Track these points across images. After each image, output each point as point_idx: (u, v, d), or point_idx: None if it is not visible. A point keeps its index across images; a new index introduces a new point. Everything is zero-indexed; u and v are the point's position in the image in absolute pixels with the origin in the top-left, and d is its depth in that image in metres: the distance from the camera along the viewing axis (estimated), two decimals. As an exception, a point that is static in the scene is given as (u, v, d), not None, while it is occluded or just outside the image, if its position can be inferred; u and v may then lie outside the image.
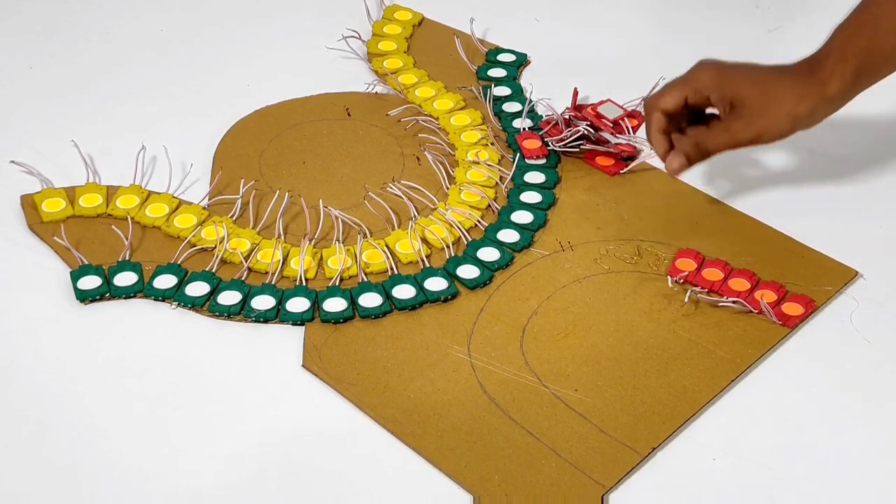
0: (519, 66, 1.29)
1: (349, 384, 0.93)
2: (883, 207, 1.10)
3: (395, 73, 1.27)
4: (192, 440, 0.89)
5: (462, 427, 0.89)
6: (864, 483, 0.86)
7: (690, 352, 0.95)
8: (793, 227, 1.06)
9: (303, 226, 1.07)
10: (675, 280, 1.01)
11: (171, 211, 1.08)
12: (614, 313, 0.99)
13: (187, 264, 1.03)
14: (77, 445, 0.88)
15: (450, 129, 1.19)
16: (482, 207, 1.09)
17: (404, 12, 1.37)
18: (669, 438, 0.89)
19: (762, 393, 0.92)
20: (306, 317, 0.98)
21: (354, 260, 1.03)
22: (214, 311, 0.99)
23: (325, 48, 1.31)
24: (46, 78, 1.28)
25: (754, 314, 0.98)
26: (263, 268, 1.03)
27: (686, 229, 1.07)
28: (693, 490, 0.85)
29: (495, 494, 0.85)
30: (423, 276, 1.02)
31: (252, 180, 1.13)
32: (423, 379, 0.93)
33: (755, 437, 0.89)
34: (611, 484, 0.85)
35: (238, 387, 0.93)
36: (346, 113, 1.22)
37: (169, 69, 1.30)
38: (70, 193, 1.10)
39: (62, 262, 1.04)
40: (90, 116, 1.22)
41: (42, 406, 0.91)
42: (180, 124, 1.21)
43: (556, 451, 0.88)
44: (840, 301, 1.00)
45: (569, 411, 0.90)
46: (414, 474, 0.87)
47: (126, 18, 1.38)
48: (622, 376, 0.93)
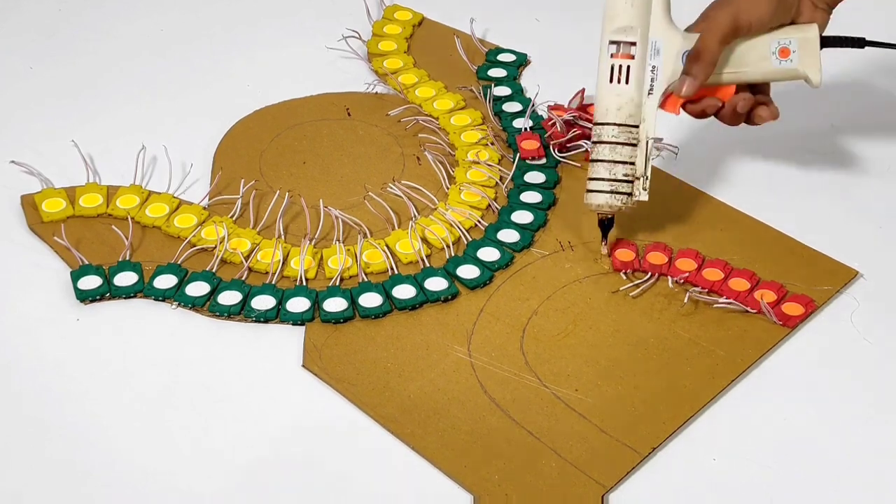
0: (519, 66, 1.29)
1: (349, 384, 0.93)
2: (883, 207, 1.10)
3: (395, 73, 1.27)
4: (192, 440, 0.89)
5: (462, 427, 0.89)
6: (864, 483, 0.86)
7: (690, 352, 0.95)
8: (793, 227, 1.06)
9: (303, 226, 1.07)
10: (675, 280, 1.01)
11: (172, 211, 1.08)
12: (614, 313, 0.99)
13: (187, 264, 1.03)
14: (77, 445, 0.88)
15: (450, 129, 1.19)
16: (482, 207, 1.09)
17: (404, 12, 1.37)
18: (669, 438, 0.89)
19: (762, 393, 0.92)
20: (306, 317, 0.98)
21: (354, 260, 1.03)
22: (214, 311, 0.99)
23: (325, 48, 1.31)
24: (46, 78, 1.28)
25: (754, 314, 0.98)
26: (263, 268, 1.03)
27: (686, 229, 1.07)
28: (693, 490, 0.85)
29: (495, 494, 0.85)
30: (424, 276, 1.02)
31: (252, 180, 1.13)
32: (423, 379, 0.93)
33: (755, 437, 0.89)
34: (611, 484, 0.85)
35: (238, 387, 0.93)
36: (346, 113, 1.22)
37: (169, 69, 1.30)
38: (70, 193, 1.10)
39: (62, 262, 1.04)
40: (90, 117, 1.22)
41: (42, 406, 0.91)
42: (180, 124, 1.21)
43: (556, 451, 0.87)
44: (840, 301, 1.00)
45: (569, 411, 0.90)
46: (414, 474, 0.87)
47: (126, 19, 1.38)
48: (622, 376, 0.93)
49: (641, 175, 0.99)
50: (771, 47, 0.99)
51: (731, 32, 0.97)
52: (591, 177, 1.00)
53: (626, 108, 0.99)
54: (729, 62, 0.99)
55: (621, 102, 0.99)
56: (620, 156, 0.99)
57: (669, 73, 0.99)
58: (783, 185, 1.12)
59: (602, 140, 0.99)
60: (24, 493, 0.85)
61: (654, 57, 0.99)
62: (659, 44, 0.99)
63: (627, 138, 0.99)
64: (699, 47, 0.97)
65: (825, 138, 1.16)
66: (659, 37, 0.99)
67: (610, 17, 0.99)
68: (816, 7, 1.00)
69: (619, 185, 0.99)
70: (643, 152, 0.99)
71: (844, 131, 1.17)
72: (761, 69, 1.00)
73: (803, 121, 1.19)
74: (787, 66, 0.99)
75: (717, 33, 0.97)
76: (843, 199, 1.11)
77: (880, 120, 1.20)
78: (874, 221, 1.08)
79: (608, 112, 0.99)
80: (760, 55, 0.99)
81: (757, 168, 1.14)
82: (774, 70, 1.00)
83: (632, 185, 0.99)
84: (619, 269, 1.02)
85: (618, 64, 0.99)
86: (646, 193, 0.99)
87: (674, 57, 0.99)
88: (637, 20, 0.98)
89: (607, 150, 0.99)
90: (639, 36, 0.98)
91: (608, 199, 0.99)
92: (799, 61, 0.99)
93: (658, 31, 0.99)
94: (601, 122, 1.00)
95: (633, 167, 0.99)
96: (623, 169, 0.99)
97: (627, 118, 0.99)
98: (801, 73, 0.99)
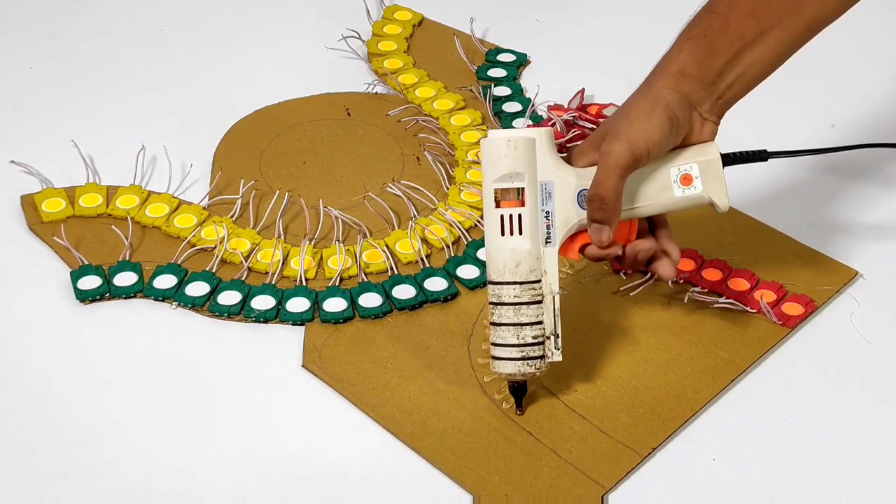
0: (519, 66, 1.29)
1: (349, 384, 0.93)
2: (883, 207, 1.10)
3: (395, 73, 1.27)
4: (192, 440, 0.89)
5: (462, 427, 0.89)
6: (864, 483, 0.86)
7: (690, 352, 0.95)
8: (793, 228, 1.06)
9: (303, 226, 1.07)
10: (676, 280, 1.01)
11: (171, 211, 1.08)
12: (614, 313, 0.99)
13: (187, 264, 1.03)
14: (77, 445, 0.88)
15: (450, 129, 1.19)
16: (482, 207, 1.09)
17: (404, 12, 1.37)
18: (669, 438, 0.89)
19: (762, 393, 0.92)
20: (306, 317, 0.98)
21: (354, 260, 1.03)
22: (214, 311, 0.99)
23: (325, 48, 1.31)
24: (46, 78, 1.28)
25: (754, 314, 0.98)
26: (263, 268, 1.03)
27: (686, 229, 1.07)
28: (693, 490, 0.85)
29: (495, 494, 0.85)
30: (423, 276, 1.02)
31: (252, 180, 1.13)
32: (423, 379, 0.93)
33: (755, 437, 0.89)
34: (611, 484, 0.85)
35: (238, 387, 0.93)
36: (346, 113, 1.22)
37: (169, 69, 1.30)
38: (70, 193, 1.10)
39: (62, 262, 1.04)
40: (90, 116, 1.22)
41: (42, 406, 0.91)
42: (180, 124, 1.21)
43: (556, 452, 0.87)
44: (840, 301, 1.00)
45: (569, 411, 0.90)
46: (414, 474, 0.87)
47: (126, 18, 1.38)
48: (622, 376, 0.93)
49: (552, 334, 0.88)
50: (672, 175, 0.89)
51: (631, 165, 0.85)
52: (496, 342, 0.88)
53: (524, 264, 0.86)
54: (630, 197, 0.88)
55: (518, 258, 0.86)
56: (526, 316, 0.87)
57: (566, 216, 0.88)
58: (783, 185, 1.12)
59: (503, 302, 0.87)
60: (24, 493, 0.85)
61: (547, 201, 0.87)
62: (550, 186, 0.87)
63: (531, 296, 0.87)
64: (600, 192, 0.86)
65: (825, 138, 1.16)
66: (549, 178, 0.87)
67: (492, 164, 0.87)
68: (705, 120, 0.89)
69: (529, 350, 0.87)
70: (550, 309, 0.87)
71: (844, 131, 1.17)
72: (664, 200, 0.89)
73: (803, 121, 1.19)
74: (690, 194, 0.89)
75: (615, 169, 0.85)
76: (843, 199, 1.11)
77: (880, 120, 1.20)
78: (874, 221, 1.08)
79: (505, 270, 0.87)
80: (661, 186, 0.89)
81: (757, 169, 1.14)
82: (678, 199, 0.89)
83: (543, 346, 0.87)
84: (619, 269, 1.02)
85: (507, 213, 0.86)
86: (559, 353, 0.88)
87: (570, 199, 0.87)
88: (523, 163, 0.86)
89: (511, 313, 0.87)
90: (526, 180, 0.86)
91: (520, 368, 0.87)
92: (703, 186, 0.89)
93: (546, 172, 0.87)
94: (498, 282, 0.87)
95: (541, 327, 0.87)
96: (532, 331, 0.87)
97: (528, 274, 0.87)
98: (707, 199, 0.90)
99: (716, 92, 0.88)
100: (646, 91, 0.88)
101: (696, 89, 0.87)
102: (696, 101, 0.88)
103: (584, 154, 0.89)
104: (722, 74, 0.88)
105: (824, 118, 1.20)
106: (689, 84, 0.87)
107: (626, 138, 0.85)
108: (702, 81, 0.87)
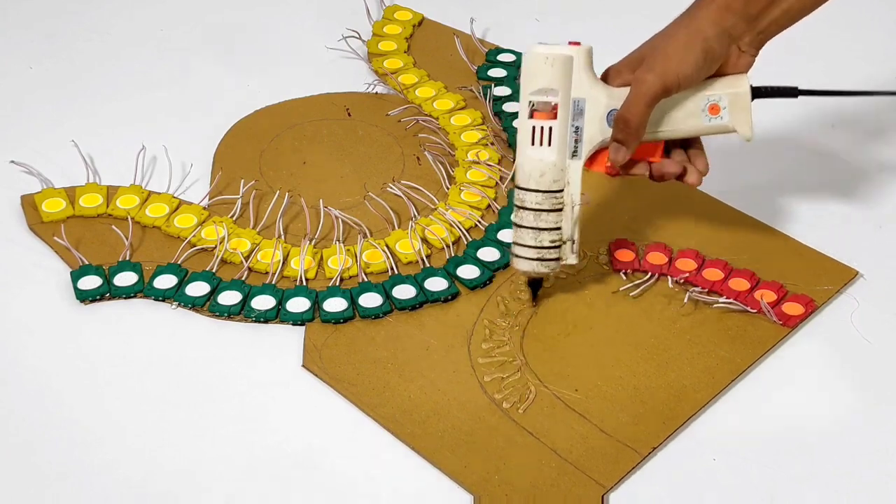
0: (519, 66, 1.29)
1: (349, 384, 0.93)
2: (883, 207, 1.10)
3: (395, 73, 1.27)
4: (192, 440, 0.89)
5: (462, 427, 0.89)
6: (864, 483, 0.86)
7: (690, 352, 0.95)
8: (793, 227, 1.07)
9: (303, 226, 1.07)
10: (675, 280, 1.01)
11: (171, 211, 1.08)
12: (614, 313, 0.99)
13: (187, 264, 1.03)
14: (77, 445, 0.88)
15: (450, 129, 1.19)
16: (482, 207, 1.09)
17: (404, 12, 1.37)
18: (669, 438, 0.89)
19: (762, 393, 0.92)
20: (306, 317, 0.98)
21: (354, 260, 1.03)
22: (214, 311, 0.99)
23: (325, 48, 1.31)
24: (46, 78, 1.28)
25: (754, 314, 0.98)
26: (263, 268, 1.03)
27: (686, 229, 1.07)
28: (693, 490, 0.85)
29: (495, 494, 0.85)
30: (423, 276, 1.02)
31: (252, 180, 1.13)
32: (423, 379, 0.93)
33: (755, 437, 0.89)
34: (611, 484, 0.85)
35: (238, 387, 0.93)
36: (346, 113, 1.22)
37: (169, 69, 1.30)
38: (70, 193, 1.10)
39: (62, 262, 1.04)
40: (90, 116, 1.22)
41: (42, 406, 0.91)
42: (180, 124, 1.21)
43: (556, 451, 0.87)
44: (840, 301, 1.00)
45: (569, 411, 0.90)
46: (414, 474, 0.87)
47: (126, 18, 1.38)
48: (622, 376, 0.93)
49: (569, 239, 0.94)
50: (700, 104, 0.93)
51: (660, 94, 0.90)
52: (516, 242, 0.95)
53: (549, 174, 0.93)
54: (657, 121, 0.93)
55: (544, 168, 0.92)
56: (545, 223, 0.93)
57: (594, 133, 0.93)
58: (783, 185, 1.12)
59: (525, 206, 0.94)
60: (24, 493, 0.85)
61: (578, 117, 0.92)
62: (582, 103, 0.92)
63: (552, 204, 0.93)
64: (627, 115, 0.91)
65: (825, 138, 1.16)
66: (582, 95, 0.92)
67: (529, 78, 0.92)
68: (742, 52, 0.92)
69: (545, 252, 0.94)
70: (570, 217, 0.94)
71: (844, 131, 1.17)
72: (690, 126, 0.94)
73: (803, 121, 1.19)
74: (717, 123, 0.94)
75: (645, 97, 0.90)
76: (843, 199, 1.11)
77: (880, 120, 1.20)
78: (874, 221, 1.08)
79: (530, 179, 0.93)
80: (689, 113, 0.93)
81: (756, 168, 1.14)
82: (704, 127, 0.94)
83: (559, 249, 0.94)
84: (619, 269, 1.02)
85: (539, 125, 0.92)
86: (575, 256, 0.95)
87: (599, 117, 0.93)
88: (558, 80, 0.91)
89: (531, 217, 0.94)
90: (560, 96, 0.92)
91: (535, 267, 0.95)
92: (729, 117, 0.93)
93: (581, 89, 0.92)
94: (523, 188, 0.94)
95: (559, 232, 0.94)
96: (549, 236, 0.94)
97: (551, 184, 0.93)
98: (732, 129, 0.94)
99: (758, 26, 0.91)
100: (688, 21, 0.91)
101: (737, 23, 0.90)
102: (737, 34, 0.91)
103: (620, 74, 0.93)
104: (767, 9, 0.90)
105: (824, 118, 1.20)
106: (732, 18, 0.90)
107: (661, 69, 0.90)
108: (745, 16, 0.90)
